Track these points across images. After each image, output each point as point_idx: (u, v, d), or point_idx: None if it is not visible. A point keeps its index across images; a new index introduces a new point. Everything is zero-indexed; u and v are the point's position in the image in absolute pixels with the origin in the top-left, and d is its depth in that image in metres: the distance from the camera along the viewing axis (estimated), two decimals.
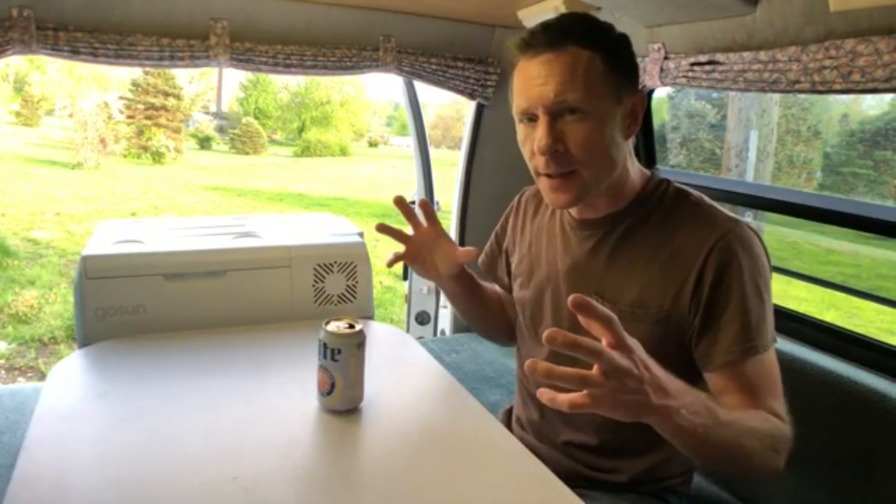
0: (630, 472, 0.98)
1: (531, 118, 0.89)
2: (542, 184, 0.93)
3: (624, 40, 0.91)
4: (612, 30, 0.90)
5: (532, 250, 1.09)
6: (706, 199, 0.95)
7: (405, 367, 1.20)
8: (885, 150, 8.78)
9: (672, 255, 0.90)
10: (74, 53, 1.41)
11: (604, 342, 0.66)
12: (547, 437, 1.03)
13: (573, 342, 0.62)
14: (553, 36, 0.86)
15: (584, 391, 0.64)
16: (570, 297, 0.65)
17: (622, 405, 0.67)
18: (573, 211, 1.01)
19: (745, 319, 0.85)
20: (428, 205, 1.11)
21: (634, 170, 0.97)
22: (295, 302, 1.37)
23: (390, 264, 1.07)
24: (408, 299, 2.32)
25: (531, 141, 0.89)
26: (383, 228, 1.05)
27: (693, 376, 0.92)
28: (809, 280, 2.38)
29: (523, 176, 1.04)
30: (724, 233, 0.87)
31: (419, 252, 1.10)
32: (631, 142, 0.95)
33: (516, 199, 1.20)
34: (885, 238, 1.34)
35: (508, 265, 1.19)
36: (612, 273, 0.95)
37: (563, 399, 0.64)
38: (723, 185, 1.68)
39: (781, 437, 0.82)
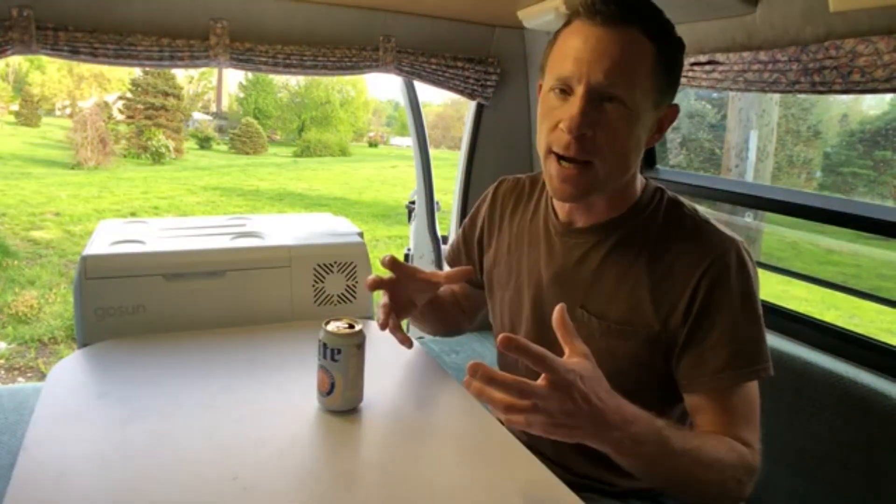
0: (625, 481, 0.95)
1: (564, 90, 0.82)
2: (551, 168, 0.86)
3: (680, 46, 0.86)
4: (674, 30, 0.85)
5: (511, 252, 1.05)
6: (699, 211, 0.91)
7: (405, 367, 1.20)
8: (885, 150, 8.79)
9: (664, 274, 0.86)
10: (74, 53, 1.41)
11: (542, 379, 0.68)
12: (536, 448, 1.00)
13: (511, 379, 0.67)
14: (624, 10, 0.79)
15: (521, 417, 0.68)
16: (502, 340, 0.68)
17: (557, 433, 0.70)
18: (561, 214, 0.97)
19: (737, 345, 0.82)
20: (393, 262, 1.01)
21: (638, 178, 0.94)
22: (295, 302, 1.37)
23: (372, 289, 1.02)
24: None
25: (558, 115, 0.82)
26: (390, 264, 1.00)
27: (678, 393, 0.91)
28: (809, 280, 2.38)
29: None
30: (719, 254, 0.84)
31: (401, 296, 1.04)
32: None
33: (491, 189, 1.13)
34: (885, 238, 1.34)
35: (481, 258, 1.13)
36: (599, 287, 0.91)
37: (504, 417, 0.68)
38: (723, 185, 1.68)
39: (746, 467, 0.80)
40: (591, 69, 0.79)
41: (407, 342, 0.98)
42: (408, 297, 1.05)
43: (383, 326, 0.98)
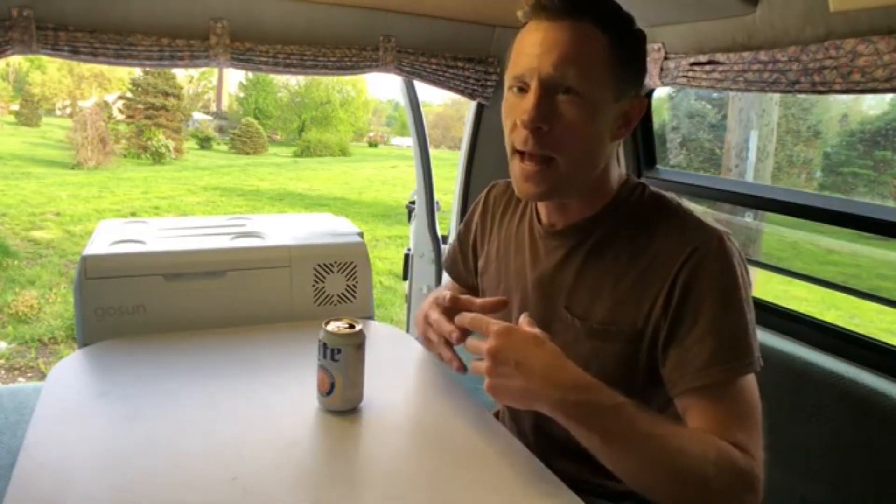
0: (611, 484, 0.93)
1: (522, 88, 0.83)
2: (515, 167, 0.86)
3: (640, 36, 0.85)
4: (632, 22, 0.84)
5: (500, 257, 1.05)
6: (684, 204, 0.88)
7: (405, 367, 1.20)
8: (885, 150, 8.79)
9: (645, 269, 0.84)
10: (74, 53, 1.41)
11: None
12: (534, 450, 0.96)
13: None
14: (573, 4, 0.80)
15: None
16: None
17: (501, 392, 0.77)
18: (542, 215, 0.96)
19: (721, 338, 0.78)
20: (454, 301, 0.94)
21: (614, 174, 0.91)
22: (295, 302, 1.37)
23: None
24: (408, 299, 2.32)
25: (516, 112, 0.82)
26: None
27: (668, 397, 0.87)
28: (809, 280, 2.39)
29: None
30: (699, 245, 0.80)
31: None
32: (617, 146, 0.91)
33: (483, 194, 1.13)
34: (885, 238, 1.34)
35: (475, 263, 1.13)
36: (581, 287, 0.90)
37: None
38: (723, 185, 1.68)
39: (736, 472, 0.71)
40: (542, 62, 0.80)
41: (462, 369, 0.92)
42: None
43: (459, 368, 0.91)
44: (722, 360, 0.77)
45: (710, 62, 1.35)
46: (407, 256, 2.28)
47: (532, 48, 0.81)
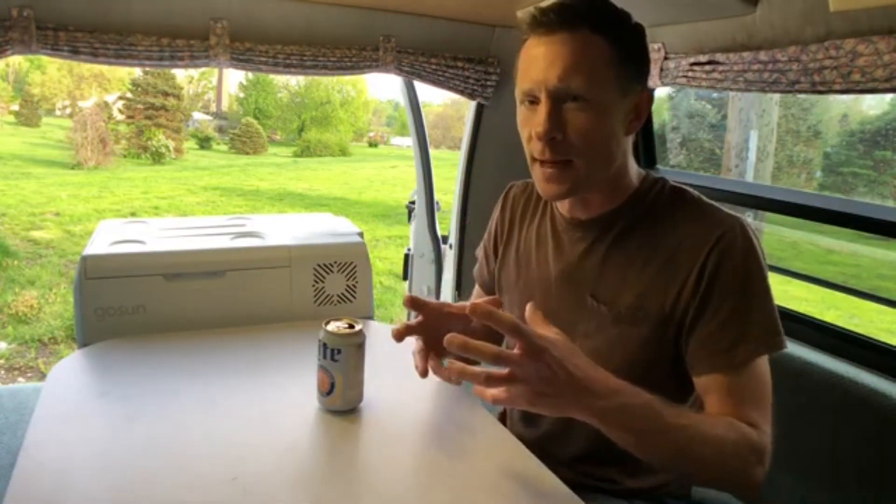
0: (625, 481, 0.95)
1: (532, 101, 0.86)
2: (536, 171, 0.90)
3: (639, 32, 0.88)
4: (629, 19, 0.87)
5: (520, 252, 1.06)
6: (704, 197, 0.92)
7: (405, 367, 1.19)
8: (885, 150, 8.80)
9: (671, 255, 0.87)
10: (74, 53, 1.41)
11: (516, 348, 0.69)
12: (538, 446, 0.97)
13: (489, 351, 0.68)
14: (567, 16, 0.83)
15: (503, 388, 0.70)
16: (469, 307, 0.70)
17: (540, 404, 0.71)
18: (564, 210, 0.98)
19: (747, 320, 0.82)
20: (415, 300, 0.98)
21: (633, 169, 0.94)
22: (295, 302, 1.37)
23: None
24: None
25: (530, 125, 0.86)
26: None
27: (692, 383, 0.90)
28: (809, 280, 2.38)
29: (523, 176, 1.04)
30: (726, 230, 0.84)
31: (434, 336, 0.98)
32: (630, 139, 0.93)
33: (502, 196, 1.16)
34: (885, 238, 1.34)
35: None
36: (607, 275, 0.92)
37: (488, 394, 0.71)
38: (723, 185, 1.68)
39: (750, 446, 0.78)
40: (547, 76, 0.83)
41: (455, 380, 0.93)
42: (441, 334, 1.00)
43: (423, 374, 0.95)
44: (746, 341, 0.82)
45: (710, 62, 1.35)
46: (407, 256, 2.28)
47: (536, 62, 0.84)
